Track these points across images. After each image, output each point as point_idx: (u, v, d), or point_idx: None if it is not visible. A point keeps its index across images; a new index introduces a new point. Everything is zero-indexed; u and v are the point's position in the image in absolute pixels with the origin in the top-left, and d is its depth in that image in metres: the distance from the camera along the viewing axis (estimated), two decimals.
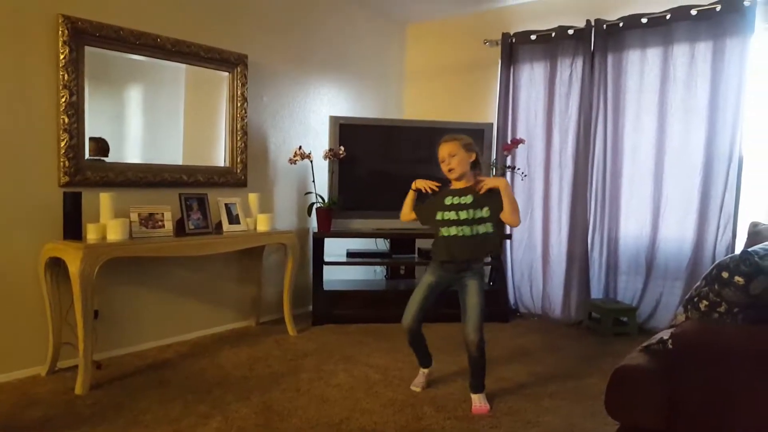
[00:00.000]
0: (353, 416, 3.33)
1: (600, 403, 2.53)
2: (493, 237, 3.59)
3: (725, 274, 2.24)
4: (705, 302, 2.33)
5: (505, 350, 4.62)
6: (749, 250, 2.31)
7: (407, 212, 3.78)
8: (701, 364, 2.25)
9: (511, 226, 3.77)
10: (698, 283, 2.42)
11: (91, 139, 4.18)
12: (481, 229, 3.52)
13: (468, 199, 3.52)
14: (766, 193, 4.74)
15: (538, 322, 5.60)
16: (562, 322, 5.54)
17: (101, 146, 4.28)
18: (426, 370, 3.90)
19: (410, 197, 3.76)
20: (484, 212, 3.51)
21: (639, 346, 2.57)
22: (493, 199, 3.49)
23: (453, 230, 3.54)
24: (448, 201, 3.58)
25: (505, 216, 3.48)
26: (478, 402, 3.53)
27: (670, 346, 2.33)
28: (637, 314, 5.18)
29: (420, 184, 3.70)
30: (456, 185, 3.61)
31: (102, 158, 4.24)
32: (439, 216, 3.59)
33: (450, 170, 3.56)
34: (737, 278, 2.20)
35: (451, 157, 3.53)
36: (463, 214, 3.51)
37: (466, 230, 3.52)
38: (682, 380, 2.27)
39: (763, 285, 2.18)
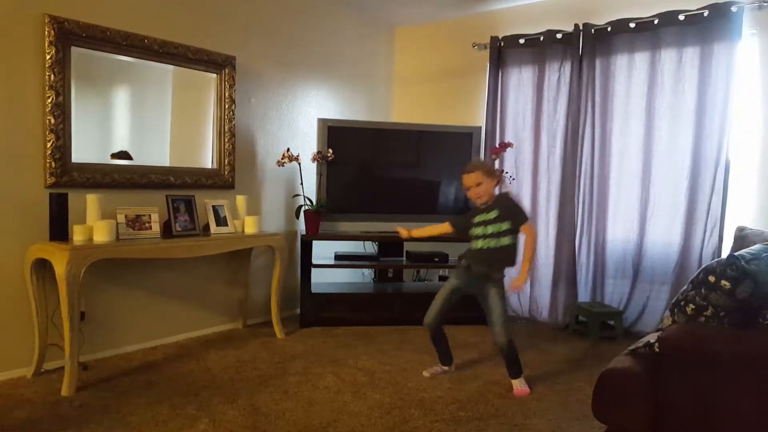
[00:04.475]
0: (341, 419, 3.32)
1: (587, 407, 2.54)
2: (514, 247, 3.90)
3: (712, 278, 2.25)
4: (691, 306, 2.34)
5: (492, 353, 4.62)
6: (736, 254, 2.32)
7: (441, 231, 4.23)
8: (687, 368, 2.26)
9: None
10: (685, 287, 2.44)
11: (113, 155, 4.35)
12: (505, 240, 3.84)
13: (493, 214, 3.86)
14: (752, 198, 4.77)
15: (525, 325, 5.61)
16: (549, 325, 5.55)
17: (123, 156, 4.41)
18: (445, 368, 4.17)
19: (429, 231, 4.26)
20: (506, 225, 3.84)
21: (626, 349, 2.58)
22: (511, 212, 3.87)
23: (480, 243, 3.90)
24: (477, 218, 3.94)
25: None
26: (518, 385, 3.87)
27: (657, 350, 2.34)
28: (624, 318, 5.20)
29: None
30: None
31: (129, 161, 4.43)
32: (471, 232, 3.96)
33: (478, 197, 3.90)
34: (724, 282, 2.21)
35: (477, 186, 3.86)
36: (490, 228, 3.86)
37: (492, 242, 3.85)
38: (669, 383, 2.29)
39: (750, 289, 2.19)
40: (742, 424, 2.14)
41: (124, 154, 4.40)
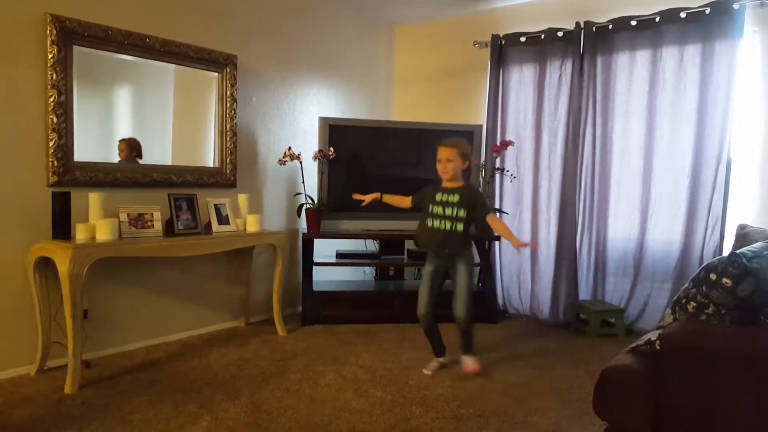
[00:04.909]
0: (342, 416, 3.33)
1: (587, 404, 2.54)
2: (464, 236, 4.02)
3: (713, 276, 2.26)
4: (693, 304, 2.35)
5: (494, 351, 4.63)
6: (737, 252, 2.33)
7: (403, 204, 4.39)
8: (688, 365, 2.26)
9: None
10: (686, 285, 2.44)
11: (121, 141, 4.36)
12: (459, 226, 3.98)
13: (455, 198, 3.99)
14: (754, 195, 4.77)
15: (526, 324, 5.62)
16: (550, 323, 5.55)
17: (132, 145, 4.42)
18: (441, 359, 4.22)
19: (395, 201, 4.45)
20: (462, 213, 3.97)
21: (627, 347, 2.58)
22: (471, 203, 3.98)
23: (437, 223, 4.04)
24: (438, 197, 4.05)
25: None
26: (469, 362, 4.08)
27: (658, 347, 2.35)
28: (625, 315, 5.21)
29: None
30: (446, 184, 4.06)
31: (137, 159, 4.46)
32: (430, 208, 4.07)
33: (444, 172, 4.02)
34: (725, 280, 2.22)
35: (448, 162, 3.98)
36: (448, 211, 4.00)
37: (447, 225, 4.00)
38: (670, 381, 2.29)
39: (751, 287, 2.20)
40: (742, 423, 2.15)
41: (133, 142, 4.42)
